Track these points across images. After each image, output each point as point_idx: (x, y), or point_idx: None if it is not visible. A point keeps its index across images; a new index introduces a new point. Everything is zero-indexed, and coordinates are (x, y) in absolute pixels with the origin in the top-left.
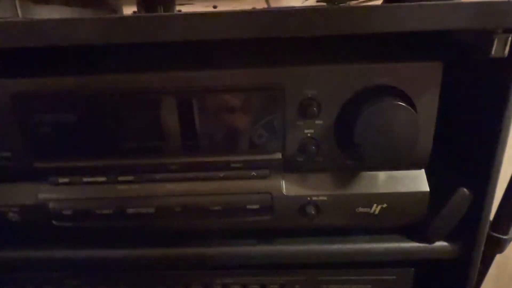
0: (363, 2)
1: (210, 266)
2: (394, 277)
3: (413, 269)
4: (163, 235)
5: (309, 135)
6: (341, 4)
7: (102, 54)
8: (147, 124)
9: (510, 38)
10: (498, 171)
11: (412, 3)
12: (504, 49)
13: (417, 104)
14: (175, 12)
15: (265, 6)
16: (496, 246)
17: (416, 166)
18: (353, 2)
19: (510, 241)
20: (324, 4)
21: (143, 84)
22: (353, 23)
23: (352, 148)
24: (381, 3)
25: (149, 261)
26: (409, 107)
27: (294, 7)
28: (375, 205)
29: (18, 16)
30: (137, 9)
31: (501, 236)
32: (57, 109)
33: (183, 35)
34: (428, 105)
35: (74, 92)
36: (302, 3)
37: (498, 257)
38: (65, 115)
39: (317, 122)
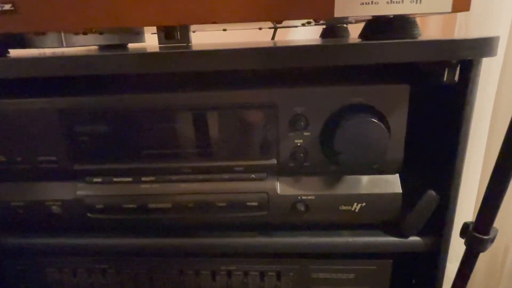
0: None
1: (216, 254)
2: (375, 267)
3: (391, 260)
4: (178, 227)
5: (298, 144)
6: (334, 43)
7: (130, 78)
8: (165, 135)
9: (458, 68)
10: (459, 177)
11: (385, 41)
12: (454, 76)
13: (389, 120)
14: (190, 33)
15: (271, 25)
16: (479, 246)
17: (390, 171)
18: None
19: (491, 241)
20: (324, 25)
21: (162, 102)
22: (341, 57)
23: (333, 155)
24: (360, 40)
25: (165, 249)
26: (379, 123)
27: (296, 45)
28: (355, 204)
29: (63, 45)
30: (157, 31)
31: (482, 237)
32: (94, 122)
33: (204, 66)
34: (399, 120)
35: (108, 108)
36: (303, 24)
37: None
38: (100, 127)
39: (305, 133)
